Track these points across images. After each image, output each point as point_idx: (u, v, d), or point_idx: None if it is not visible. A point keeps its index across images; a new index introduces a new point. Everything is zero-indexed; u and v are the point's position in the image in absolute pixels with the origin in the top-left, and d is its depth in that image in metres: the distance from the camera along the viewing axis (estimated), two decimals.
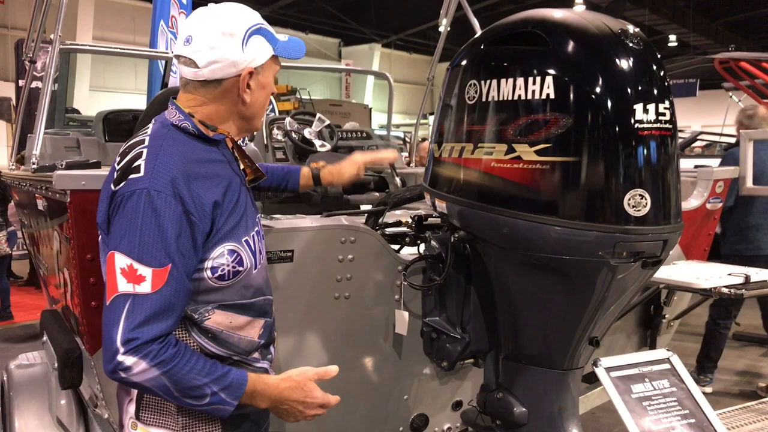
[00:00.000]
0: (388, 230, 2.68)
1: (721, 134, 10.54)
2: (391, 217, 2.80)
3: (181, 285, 1.44)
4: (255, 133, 4.40)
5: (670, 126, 1.94)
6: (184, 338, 1.54)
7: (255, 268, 1.60)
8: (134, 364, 1.37)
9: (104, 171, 2.03)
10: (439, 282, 2.36)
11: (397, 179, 4.19)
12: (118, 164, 1.53)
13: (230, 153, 1.66)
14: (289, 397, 1.54)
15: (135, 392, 1.58)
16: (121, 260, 1.41)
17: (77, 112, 9.07)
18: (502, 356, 2.28)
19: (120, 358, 1.37)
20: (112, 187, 1.49)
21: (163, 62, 5.48)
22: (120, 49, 5.24)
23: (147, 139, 1.56)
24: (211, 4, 1.64)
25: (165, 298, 1.40)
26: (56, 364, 2.26)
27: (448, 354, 2.47)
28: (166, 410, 1.55)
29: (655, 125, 1.89)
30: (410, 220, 2.61)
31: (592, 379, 3.11)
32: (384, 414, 2.56)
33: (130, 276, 1.40)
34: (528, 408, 2.18)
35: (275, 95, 9.41)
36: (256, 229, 1.65)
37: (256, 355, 1.66)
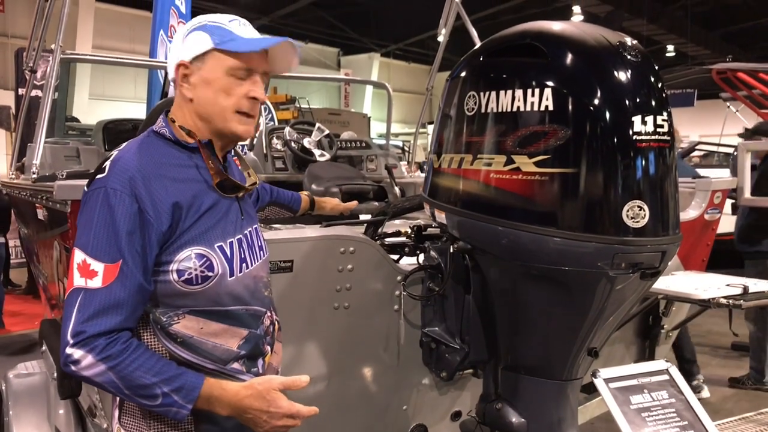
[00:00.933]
0: (388, 240, 2.68)
1: (719, 144, 10.57)
2: (390, 227, 2.81)
3: (133, 281, 1.43)
4: (253, 141, 4.41)
5: (668, 138, 1.95)
6: (153, 343, 1.53)
7: (230, 275, 1.56)
8: (81, 357, 1.39)
9: None
10: (439, 292, 2.36)
11: (396, 189, 4.20)
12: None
13: (205, 156, 1.63)
14: (251, 405, 1.49)
15: (118, 398, 1.56)
16: (78, 255, 1.44)
17: (77, 120, 9.08)
18: (501, 367, 2.28)
19: (68, 350, 1.39)
20: (85, 188, 1.53)
21: (163, 72, 5.50)
22: (120, 58, 5.26)
23: (126, 144, 1.59)
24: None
25: (114, 293, 1.41)
26: (55, 374, 2.25)
27: (448, 364, 2.47)
28: (142, 415, 1.54)
29: (653, 137, 1.90)
30: (409, 230, 2.62)
31: (590, 390, 3.11)
32: (383, 424, 2.56)
33: (83, 271, 1.42)
34: (527, 419, 2.18)
35: (275, 104, 9.41)
36: (239, 236, 1.62)
37: (236, 365, 1.60)
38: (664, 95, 1.97)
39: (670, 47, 19.56)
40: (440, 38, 4.90)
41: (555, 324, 2.09)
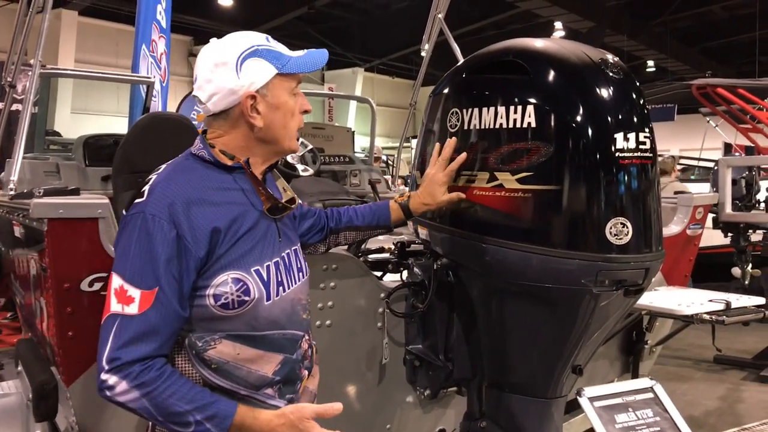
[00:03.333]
0: (371, 257, 2.66)
1: (699, 158, 10.69)
2: (373, 243, 2.79)
3: (169, 309, 1.44)
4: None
5: (651, 154, 1.95)
6: (187, 369, 1.52)
7: (267, 300, 1.56)
8: (116, 383, 1.40)
9: (83, 199, 2.01)
10: (422, 309, 2.34)
11: None
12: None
13: (252, 179, 1.63)
14: (280, 423, 1.48)
15: (150, 423, 1.56)
16: (115, 281, 1.45)
17: (58, 134, 9.00)
18: (485, 384, 2.27)
19: (103, 376, 1.41)
20: (123, 211, 1.53)
21: (145, 87, 5.47)
22: (101, 73, 5.22)
23: (164, 166, 1.59)
24: (211, 40, 1.65)
25: (150, 321, 1.42)
26: (31, 395, 2.21)
27: (431, 382, 2.44)
28: None
29: (635, 154, 1.90)
30: (393, 247, 2.60)
31: (574, 406, 3.10)
32: None
33: (120, 297, 1.43)
34: None
35: None
36: (276, 259, 1.61)
37: (269, 391, 1.59)
38: (645, 112, 1.98)
39: (651, 63, 19.80)
40: (423, 53, 4.92)
41: (539, 341, 2.08)
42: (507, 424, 2.18)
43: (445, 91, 2.18)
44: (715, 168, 8.44)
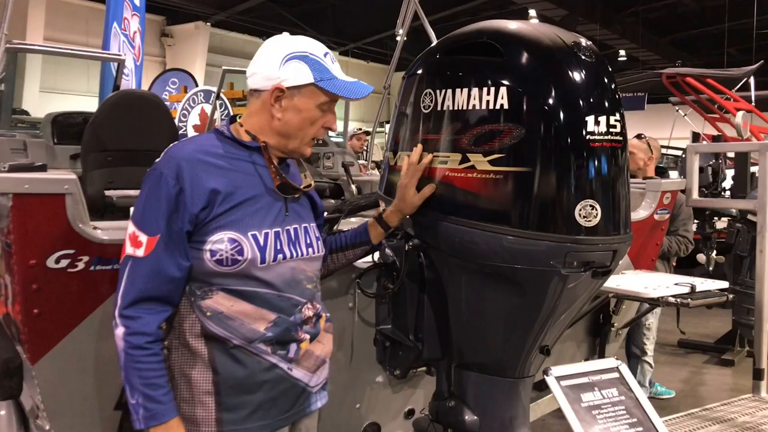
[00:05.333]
0: None
1: (668, 147, 10.83)
2: (346, 224, 2.79)
3: (169, 254, 1.62)
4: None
5: (621, 138, 1.97)
6: (188, 313, 1.69)
7: (262, 262, 1.68)
8: (117, 325, 1.61)
9: (50, 174, 1.97)
10: (393, 290, 2.35)
11: (353, 187, 4.18)
12: None
13: (266, 158, 1.76)
14: None
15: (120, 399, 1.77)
16: (130, 227, 1.66)
17: (26, 113, 8.81)
18: (454, 365, 2.29)
19: (116, 314, 1.62)
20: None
21: (116, 65, 5.37)
22: (69, 50, 5.11)
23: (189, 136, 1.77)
24: (284, 33, 1.82)
25: (154, 263, 1.61)
26: None
27: (401, 362, 2.46)
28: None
29: (606, 137, 1.92)
30: None
31: (542, 387, 3.14)
32: (336, 422, 2.54)
33: (133, 241, 1.64)
34: (479, 416, 2.19)
35: (231, 100, 9.28)
36: (277, 229, 1.73)
37: (261, 346, 1.70)
38: (617, 96, 2.00)
39: (622, 52, 19.95)
40: (398, 38, 4.90)
41: (508, 322, 2.10)
42: (475, 404, 2.20)
43: (419, 71, 2.18)
44: (683, 156, 8.56)
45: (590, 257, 1.94)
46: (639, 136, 4.19)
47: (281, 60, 1.72)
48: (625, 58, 20.28)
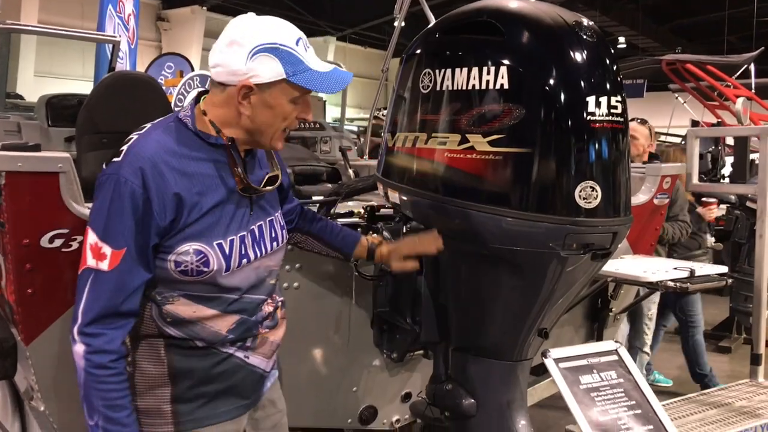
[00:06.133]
0: (340, 220, 2.64)
1: (667, 134, 10.81)
2: (343, 207, 2.77)
3: (135, 268, 1.53)
4: None
5: (622, 119, 1.95)
6: (147, 319, 1.62)
7: (226, 271, 1.61)
8: (76, 341, 1.52)
9: (44, 153, 1.95)
10: (391, 273, 2.34)
11: (350, 171, 4.15)
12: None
13: (229, 157, 1.64)
14: None
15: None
16: (91, 236, 1.54)
17: (20, 97, 8.74)
18: (451, 348, 2.28)
19: (74, 331, 1.53)
20: (104, 165, 1.61)
21: (110, 46, 5.32)
22: (64, 30, 5.06)
23: (147, 126, 1.65)
24: (249, 14, 1.64)
25: (119, 277, 1.52)
26: None
27: (398, 345, 2.45)
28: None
29: (607, 118, 1.90)
30: (362, 211, 2.58)
31: (540, 371, 3.13)
32: (333, 406, 2.54)
33: (95, 252, 1.53)
34: (477, 399, 2.18)
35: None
36: (242, 233, 1.65)
37: (221, 346, 1.67)
38: (618, 78, 1.97)
39: (622, 39, 19.89)
40: (396, 23, 4.85)
41: (506, 305, 2.09)
42: (472, 387, 2.19)
43: (418, 51, 2.15)
44: (683, 142, 8.54)
45: (590, 239, 1.92)
46: (643, 121, 4.15)
47: (248, 54, 1.55)
48: (624, 46, 20.23)
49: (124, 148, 1.58)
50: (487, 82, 1.92)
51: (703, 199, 4.19)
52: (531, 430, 2.10)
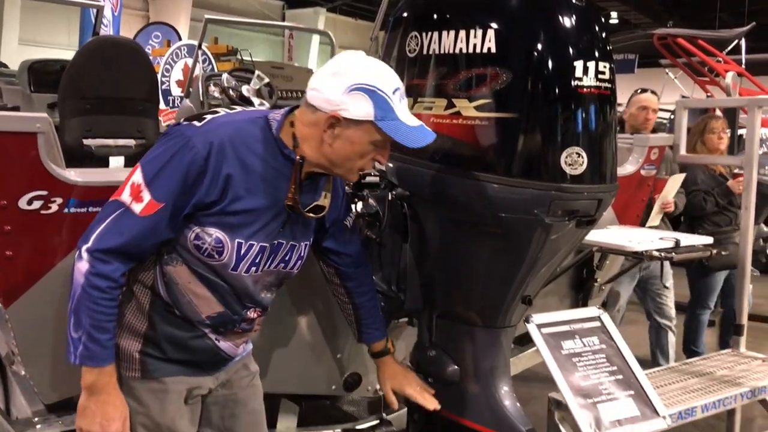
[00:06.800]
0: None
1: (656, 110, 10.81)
2: None
3: (160, 225, 1.58)
4: (189, 88, 4.26)
5: (610, 86, 1.93)
6: (150, 265, 1.68)
7: (233, 269, 1.67)
8: (81, 259, 1.56)
9: (22, 114, 1.92)
10: (376, 240, 2.32)
11: None
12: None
13: (294, 173, 1.69)
14: (106, 411, 1.62)
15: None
16: (137, 175, 1.59)
17: (4, 66, 8.61)
18: (436, 315, 2.28)
19: (82, 247, 1.57)
20: (182, 120, 1.67)
21: (94, 11, 5.22)
22: None
23: (239, 111, 1.73)
24: (360, 52, 1.70)
25: (147, 227, 1.56)
26: None
27: (383, 313, 2.44)
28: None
29: (594, 84, 1.88)
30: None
31: (523, 341, 3.15)
32: (317, 373, 2.53)
33: (134, 191, 1.57)
34: (460, 366, 2.19)
35: (215, 55, 9.11)
36: (263, 244, 1.68)
37: (199, 326, 1.73)
38: (607, 45, 1.95)
39: (614, 14, 19.78)
40: None
41: (490, 272, 2.09)
42: (456, 354, 2.20)
43: (405, 14, 2.12)
44: (672, 117, 8.54)
45: (575, 206, 1.91)
46: (653, 93, 4.08)
47: (346, 87, 1.60)
48: (616, 21, 20.12)
49: (208, 117, 1.64)
50: (474, 45, 1.90)
51: (735, 171, 4.08)
52: (513, 396, 2.11)
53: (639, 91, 4.17)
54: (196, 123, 1.62)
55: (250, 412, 1.91)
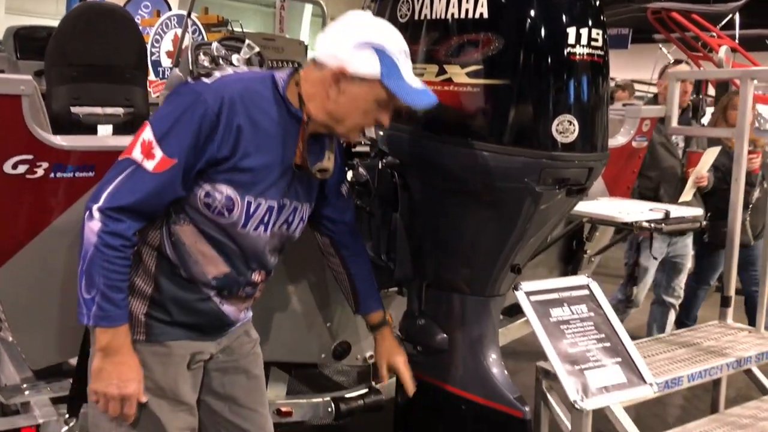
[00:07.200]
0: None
1: (649, 83, 10.79)
2: None
3: (174, 182, 1.57)
4: (179, 57, 4.19)
5: (602, 53, 1.92)
6: (157, 226, 1.66)
7: (242, 227, 1.66)
8: (92, 218, 1.53)
9: (6, 75, 1.89)
10: (366, 209, 2.32)
11: None
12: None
13: (301, 131, 1.70)
14: (122, 372, 1.60)
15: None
16: (147, 132, 1.57)
17: None
18: (425, 284, 2.28)
19: (93, 207, 1.54)
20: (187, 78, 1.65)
21: None
22: None
23: (246, 69, 1.79)
24: (369, 13, 1.77)
25: (159, 183, 1.55)
26: None
27: None
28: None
29: (586, 50, 1.86)
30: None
31: (512, 312, 3.16)
32: (307, 341, 2.54)
33: (145, 149, 1.56)
34: (449, 334, 2.19)
35: (206, 26, 9.00)
36: (271, 203, 1.69)
37: (204, 288, 1.71)
38: (600, 12, 1.93)
39: None
40: None
41: (480, 240, 2.09)
42: (445, 322, 2.20)
43: None
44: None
45: (566, 174, 1.90)
46: (689, 62, 3.99)
47: (355, 43, 1.63)
48: None
49: (217, 74, 1.65)
50: (467, 11, 1.88)
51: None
52: (502, 364, 2.12)
53: (673, 62, 4.08)
54: (205, 80, 1.62)
55: (251, 378, 1.90)
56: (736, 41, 8.02)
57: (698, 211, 2.78)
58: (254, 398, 1.90)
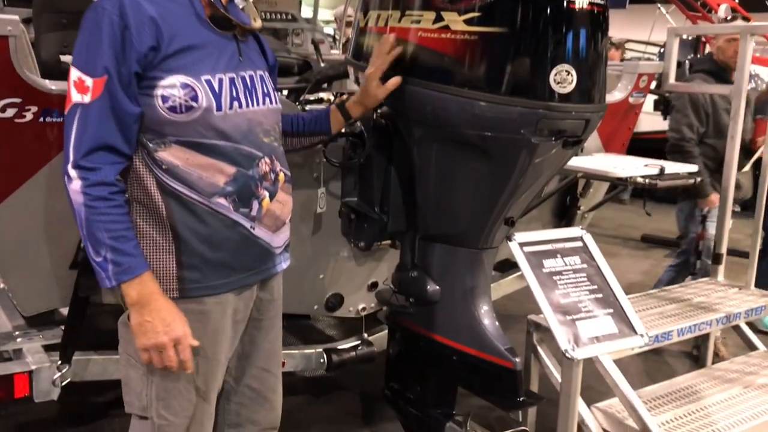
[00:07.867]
0: (309, 107, 2.57)
1: (647, 43, 10.68)
2: (312, 94, 2.70)
3: (120, 97, 1.51)
4: None
5: (602, 3, 1.88)
6: (142, 170, 1.59)
7: (218, 110, 1.60)
8: (73, 179, 1.49)
9: None
10: (359, 160, 2.30)
11: (323, 65, 4.02)
12: None
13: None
14: (163, 318, 1.54)
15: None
16: (73, 73, 1.52)
17: None
18: (419, 236, 2.27)
19: (69, 168, 1.50)
20: None
21: None
22: None
23: None
24: None
25: (103, 105, 1.50)
26: None
27: (366, 234, 2.44)
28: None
29: (586, 0, 1.83)
30: (333, 98, 2.51)
31: (504, 268, 3.17)
32: (299, 292, 2.54)
33: (79, 87, 1.51)
34: (441, 286, 2.20)
35: None
36: (231, 75, 1.64)
37: (222, 200, 1.63)
38: None
39: None
40: None
41: (474, 192, 2.07)
42: (438, 274, 2.20)
43: None
44: (662, 51, 8.45)
45: (562, 125, 1.88)
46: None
47: None
48: None
49: None
50: None
51: (758, 117, 3.97)
52: (493, 316, 2.13)
53: (727, 19, 3.93)
54: None
55: (270, 341, 1.88)
56: (736, 1, 7.91)
57: (693, 167, 2.77)
58: (270, 359, 1.90)
